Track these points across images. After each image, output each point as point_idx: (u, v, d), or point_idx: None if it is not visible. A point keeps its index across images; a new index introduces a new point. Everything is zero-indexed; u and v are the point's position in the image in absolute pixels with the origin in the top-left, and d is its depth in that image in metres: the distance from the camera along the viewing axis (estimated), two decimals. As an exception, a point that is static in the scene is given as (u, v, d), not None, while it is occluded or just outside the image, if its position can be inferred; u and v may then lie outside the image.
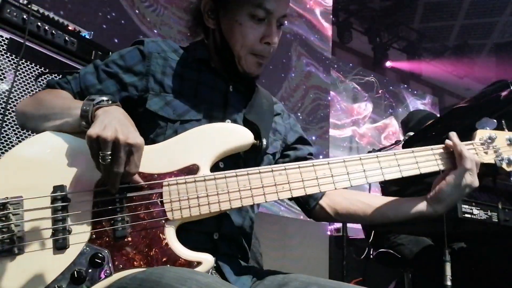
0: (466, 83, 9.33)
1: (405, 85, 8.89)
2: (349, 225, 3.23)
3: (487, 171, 1.15)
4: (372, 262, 2.76)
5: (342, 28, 7.65)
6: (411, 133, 2.52)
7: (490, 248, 2.19)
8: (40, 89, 1.73)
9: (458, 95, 9.65)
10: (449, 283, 1.62)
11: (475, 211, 1.65)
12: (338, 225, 4.84)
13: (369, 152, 2.47)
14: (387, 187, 2.68)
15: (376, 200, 1.19)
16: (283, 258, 4.10)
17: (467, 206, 1.66)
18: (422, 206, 1.11)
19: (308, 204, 1.24)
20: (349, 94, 7.73)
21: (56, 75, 1.84)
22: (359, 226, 2.46)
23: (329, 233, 4.97)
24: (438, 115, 3.60)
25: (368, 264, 2.91)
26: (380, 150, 2.59)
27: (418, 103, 8.91)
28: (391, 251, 2.48)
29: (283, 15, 1.13)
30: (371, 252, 2.66)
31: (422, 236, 2.38)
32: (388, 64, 8.52)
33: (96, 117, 0.90)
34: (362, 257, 2.68)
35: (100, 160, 0.84)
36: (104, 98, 0.95)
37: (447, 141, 1.11)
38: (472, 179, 1.06)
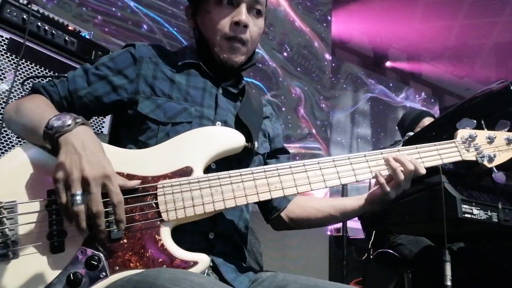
0: (466, 83, 9.31)
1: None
2: (349, 225, 3.22)
3: (483, 172, 1.17)
4: (372, 262, 2.75)
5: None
6: (411, 133, 2.51)
7: (490, 248, 2.18)
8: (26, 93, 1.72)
9: (458, 95, 9.64)
10: (449, 283, 1.60)
11: (475, 211, 1.63)
12: (338, 225, 4.83)
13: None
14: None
15: (324, 203, 1.27)
16: (283, 258, 4.08)
17: (467, 206, 1.64)
18: (362, 204, 1.20)
19: (271, 214, 1.30)
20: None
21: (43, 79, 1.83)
22: (359, 226, 2.45)
23: (329, 233, 4.95)
24: (432, 112, 3.60)
25: (368, 264, 2.90)
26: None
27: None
28: (391, 251, 2.46)
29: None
30: (371, 252, 2.65)
31: (422, 236, 2.37)
32: (388, 64, 8.50)
33: (59, 146, 0.85)
34: (363, 258, 2.67)
35: (70, 205, 0.78)
36: (68, 121, 0.87)
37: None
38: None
